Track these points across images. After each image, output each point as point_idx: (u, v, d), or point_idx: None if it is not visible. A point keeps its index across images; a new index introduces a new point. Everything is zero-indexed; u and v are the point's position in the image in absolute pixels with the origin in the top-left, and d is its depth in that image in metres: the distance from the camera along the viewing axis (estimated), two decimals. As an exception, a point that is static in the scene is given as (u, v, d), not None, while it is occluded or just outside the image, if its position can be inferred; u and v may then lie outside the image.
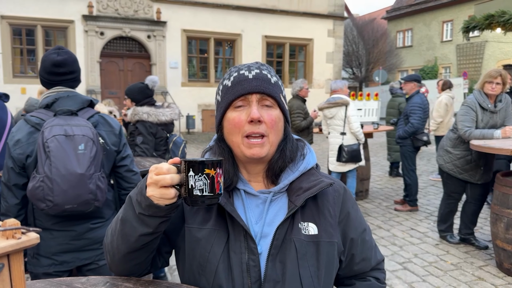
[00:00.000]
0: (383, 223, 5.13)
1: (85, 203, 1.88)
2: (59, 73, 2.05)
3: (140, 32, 16.42)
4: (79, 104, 2.02)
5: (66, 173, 1.81)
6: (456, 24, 25.76)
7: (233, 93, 1.07)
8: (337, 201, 1.13)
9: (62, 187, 1.81)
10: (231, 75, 1.10)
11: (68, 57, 2.06)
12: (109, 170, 2.13)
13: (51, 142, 1.82)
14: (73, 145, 1.84)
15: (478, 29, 7.85)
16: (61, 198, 1.82)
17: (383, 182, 7.69)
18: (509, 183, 3.54)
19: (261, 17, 18.30)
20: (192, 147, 13.41)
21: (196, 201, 0.90)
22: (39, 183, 1.82)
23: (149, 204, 0.94)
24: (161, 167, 0.92)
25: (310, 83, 19.22)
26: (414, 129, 5.42)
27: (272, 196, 1.09)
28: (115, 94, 16.44)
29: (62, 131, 1.85)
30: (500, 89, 3.99)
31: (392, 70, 28.16)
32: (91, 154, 1.87)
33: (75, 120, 1.92)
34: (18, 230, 0.79)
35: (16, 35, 15.16)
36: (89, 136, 1.89)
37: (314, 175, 1.11)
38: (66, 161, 1.81)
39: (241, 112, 1.06)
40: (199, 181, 0.89)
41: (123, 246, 1.03)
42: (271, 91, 1.07)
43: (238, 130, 1.05)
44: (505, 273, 3.64)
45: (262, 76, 1.08)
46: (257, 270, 1.02)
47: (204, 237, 1.06)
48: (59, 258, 2.01)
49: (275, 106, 1.08)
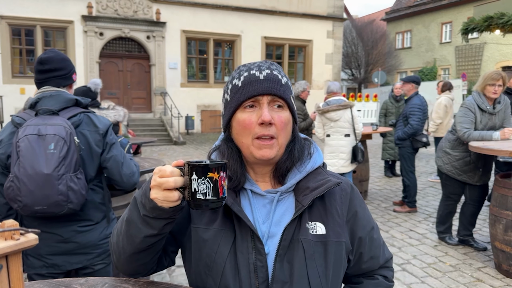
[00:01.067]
0: (382, 224, 5.13)
1: (55, 205, 1.81)
2: (44, 70, 2.02)
3: (140, 32, 16.44)
4: (61, 103, 1.97)
5: (33, 173, 1.77)
6: (455, 25, 25.82)
7: (244, 93, 1.05)
8: (344, 200, 1.12)
9: (29, 187, 1.77)
10: (241, 74, 1.08)
11: (54, 55, 2.03)
12: (94, 171, 2.05)
13: (22, 142, 1.79)
14: (44, 144, 1.80)
15: (477, 31, 7.88)
16: (29, 198, 1.78)
17: (382, 183, 7.69)
18: (507, 184, 3.55)
19: (261, 18, 18.33)
20: (191, 147, 13.41)
21: (199, 205, 0.90)
22: (9, 183, 1.80)
23: (153, 207, 0.94)
24: (165, 169, 0.91)
25: (309, 84, 19.24)
26: (413, 130, 5.42)
27: (279, 196, 1.09)
28: (115, 95, 16.44)
29: (36, 130, 1.81)
30: (501, 91, 4.01)
31: (391, 72, 28.21)
32: (60, 154, 1.81)
33: (53, 119, 1.87)
34: (16, 231, 0.79)
35: (15, 35, 15.16)
36: (60, 135, 1.82)
37: (321, 174, 1.11)
38: (34, 161, 1.77)
39: (251, 114, 1.05)
40: (202, 185, 0.88)
41: (129, 247, 1.03)
42: (282, 93, 1.06)
43: (249, 131, 1.04)
44: (503, 275, 3.64)
45: (273, 77, 1.06)
46: (265, 270, 1.02)
47: (211, 238, 1.05)
48: (49, 261, 1.98)
49: (285, 108, 1.07)
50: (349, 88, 29.66)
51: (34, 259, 1.99)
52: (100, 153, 2.05)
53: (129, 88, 16.98)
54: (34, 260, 1.99)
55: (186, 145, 14.25)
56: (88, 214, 2.03)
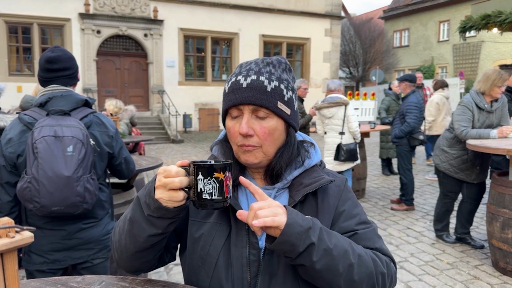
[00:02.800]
0: (379, 222, 5.13)
1: (72, 206, 1.85)
2: (53, 70, 2.02)
3: (137, 30, 16.39)
4: (73, 104, 1.98)
5: (53, 175, 1.78)
6: (452, 24, 25.83)
7: (227, 101, 1.06)
8: (337, 195, 1.13)
9: (49, 189, 1.78)
10: (231, 79, 1.08)
11: (62, 54, 2.04)
12: (102, 171, 2.10)
13: (40, 143, 1.79)
14: (62, 146, 1.82)
15: (475, 29, 7.88)
16: (47, 200, 1.79)
17: (379, 181, 7.70)
18: (505, 182, 3.55)
19: (258, 16, 18.30)
20: (189, 146, 13.39)
21: (205, 205, 0.90)
22: (26, 184, 1.81)
23: (157, 207, 0.94)
24: (170, 169, 0.92)
25: (307, 82, 19.23)
26: (410, 128, 5.43)
27: (276, 192, 1.10)
28: (112, 93, 16.40)
29: (52, 132, 1.82)
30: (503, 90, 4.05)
31: (389, 70, 28.23)
32: (79, 156, 1.84)
33: (66, 120, 1.89)
34: (12, 228, 0.78)
35: (12, 33, 15.10)
36: (78, 138, 1.85)
37: (316, 172, 1.12)
38: (53, 163, 1.79)
39: (235, 123, 1.06)
40: (208, 185, 0.89)
41: (132, 246, 1.03)
42: (263, 102, 1.03)
43: (234, 139, 1.07)
44: (500, 272, 3.65)
45: (257, 85, 1.03)
46: (257, 264, 1.03)
47: (206, 231, 1.07)
48: (50, 257, 2.00)
49: (270, 116, 1.05)
50: (346, 86, 29.67)
51: (36, 256, 2.00)
52: (108, 153, 2.09)
53: (127, 86, 16.95)
54: (36, 257, 2.01)
55: (184, 144, 14.24)
56: (93, 212, 2.07)
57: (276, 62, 1.10)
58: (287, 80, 1.09)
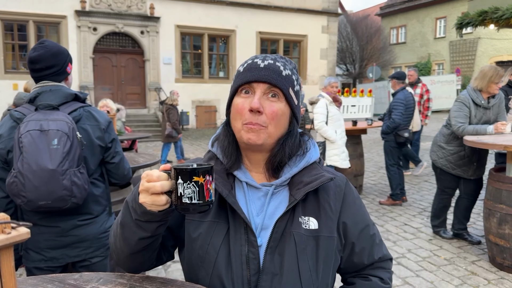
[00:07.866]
0: (376, 219, 5.15)
1: (60, 200, 1.83)
2: (36, 70, 1.99)
3: (134, 27, 16.32)
4: (61, 98, 1.96)
5: (37, 169, 1.77)
6: (449, 20, 25.87)
7: (241, 78, 1.07)
8: (338, 196, 1.12)
9: (34, 183, 1.77)
10: (246, 62, 1.11)
11: (44, 52, 1.98)
12: (95, 165, 2.07)
13: (25, 138, 1.79)
14: (47, 140, 1.80)
15: (472, 26, 7.88)
16: (33, 194, 1.78)
17: (376, 178, 7.71)
18: (502, 178, 3.57)
19: (255, 13, 18.25)
20: (186, 143, 13.36)
21: (186, 209, 0.91)
22: (13, 178, 1.80)
23: (143, 211, 0.95)
24: (152, 174, 0.92)
25: (304, 79, 19.23)
26: (395, 124, 5.49)
27: (273, 189, 1.10)
28: (108, 90, 16.34)
29: (38, 126, 1.81)
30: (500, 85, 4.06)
31: (386, 67, 28.23)
32: (64, 149, 1.81)
33: (54, 114, 1.87)
34: (8, 224, 0.77)
35: (7, 30, 15.00)
36: (63, 131, 1.83)
37: (316, 169, 1.11)
38: (37, 156, 1.78)
39: (245, 100, 1.06)
40: (188, 189, 0.89)
41: (126, 248, 1.05)
42: (278, 83, 1.06)
43: (240, 116, 1.06)
44: (497, 268, 3.66)
45: (274, 67, 1.07)
46: (257, 262, 1.03)
47: (204, 229, 1.07)
48: (47, 254, 1.99)
49: (281, 99, 1.07)
50: (343, 83, 29.67)
51: (34, 253, 2.00)
52: (100, 147, 2.06)
53: (123, 84, 16.88)
54: (34, 253, 2.00)
55: (181, 141, 14.17)
56: (88, 208, 2.05)
57: (287, 60, 1.14)
58: (296, 75, 1.13)
